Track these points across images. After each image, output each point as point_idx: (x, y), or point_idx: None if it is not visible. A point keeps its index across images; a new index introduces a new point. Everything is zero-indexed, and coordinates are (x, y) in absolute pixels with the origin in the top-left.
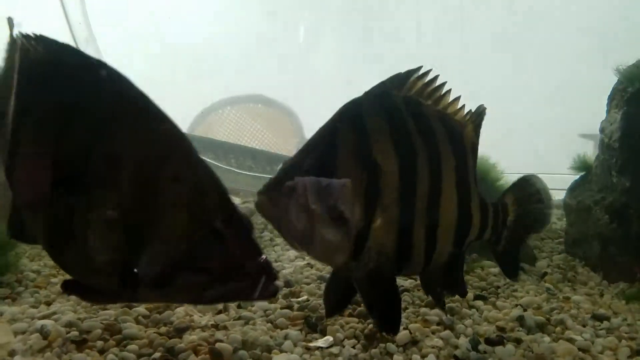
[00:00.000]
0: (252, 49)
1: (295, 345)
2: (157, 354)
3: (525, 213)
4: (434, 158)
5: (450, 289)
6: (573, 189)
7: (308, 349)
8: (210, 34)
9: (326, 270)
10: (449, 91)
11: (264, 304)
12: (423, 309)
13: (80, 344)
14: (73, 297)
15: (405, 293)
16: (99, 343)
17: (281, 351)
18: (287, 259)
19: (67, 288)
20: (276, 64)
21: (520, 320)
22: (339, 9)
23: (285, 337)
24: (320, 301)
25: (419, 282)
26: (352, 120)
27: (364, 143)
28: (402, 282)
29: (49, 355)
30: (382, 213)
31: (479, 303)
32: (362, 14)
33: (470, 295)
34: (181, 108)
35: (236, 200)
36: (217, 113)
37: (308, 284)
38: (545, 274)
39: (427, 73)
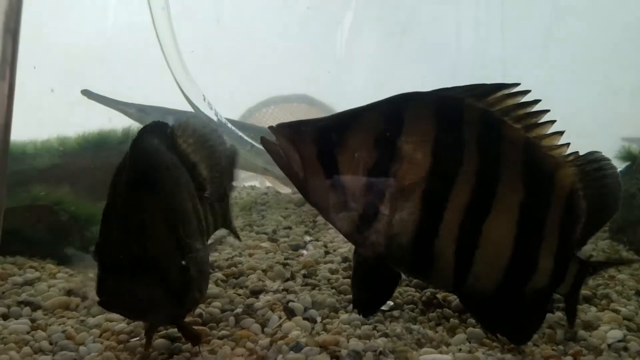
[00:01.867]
0: (294, 49)
1: None
2: (238, 310)
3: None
4: (488, 178)
5: (506, 331)
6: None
7: None
8: (253, 32)
9: None
10: (550, 122)
11: (326, 274)
12: None
13: None
14: None
15: None
16: None
17: (347, 312)
18: (342, 240)
19: None
20: (318, 64)
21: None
22: (379, 10)
23: (349, 302)
24: None
25: None
26: (394, 104)
27: (395, 127)
28: None
29: None
30: (394, 199)
31: None
32: (402, 15)
33: None
34: (227, 107)
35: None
36: (261, 112)
37: None
38: (591, 256)
39: (523, 93)
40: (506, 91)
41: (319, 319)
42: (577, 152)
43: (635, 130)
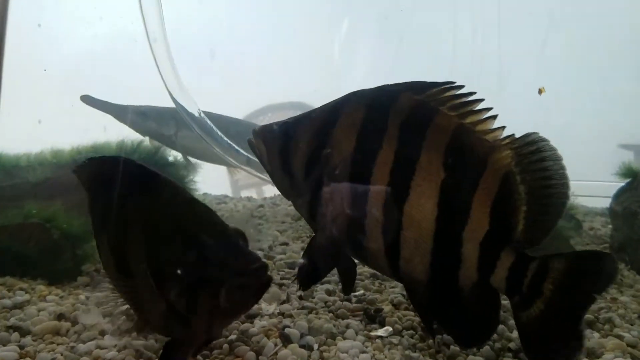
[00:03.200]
0: (290, 57)
1: (356, 333)
2: (232, 336)
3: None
4: (406, 161)
5: (452, 330)
6: (619, 195)
7: (369, 337)
8: (249, 40)
9: None
10: (486, 109)
11: (323, 296)
12: None
13: None
14: None
15: None
16: None
17: (344, 338)
18: None
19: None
20: (314, 72)
21: None
22: (376, 18)
23: (347, 327)
24: (377, 295)
25: None
26: (340, 99)
27: (333, 119)
28: None
29: (135, 335)
30: (328, 184)
31: None
32: (398, 22)
33: None
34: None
35: None
36: (258, 120)
37: (362, 280)
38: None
39: (460, 87)
40: (445, 86)
41: (315, 346)
42: (514, 134)
43: (631, 137)
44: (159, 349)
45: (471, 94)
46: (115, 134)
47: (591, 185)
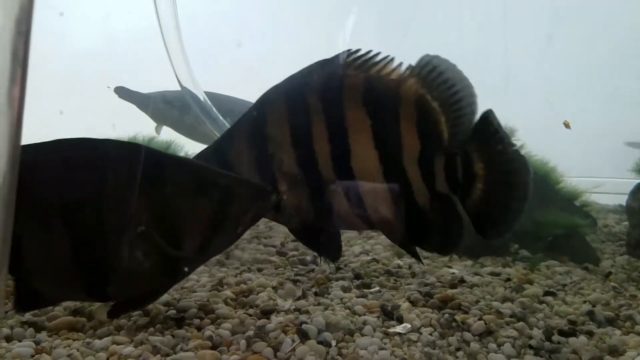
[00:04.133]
0: (294, 53)
1: (374, 330)
2: (250, 332)
3: (493, 156)
4: (336, 123)
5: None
6: (635, 191)
7: (387, 334)
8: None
9: (392, 265)
10: (385, 58)
11: (339, 292)
12: (495, 303)
13: (179, 322)
14: None
15: (475, 287)
16: (196, 321)
17: (362, 335)
18: (351, 254)
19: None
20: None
21: (590, 315)
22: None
23: (364, 323)
24: (393, 292)
25: (486, 278)
26: (259, 104)
27: (262, 123)
28: (471, 278)
29: (152, 330)
30: (282, 180)
31: (549, 299)
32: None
33: (539, 290)
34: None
35: None
36: None
37: (377, 277)
38: (610, 273)
39: (357, 50)
40: (344, 55)
41: (333, 343)
42: (410, 64)
43: (638, 135)
44: (175, 344)
45: (369, 52)
46: (123, 130)
47: (602, 182)
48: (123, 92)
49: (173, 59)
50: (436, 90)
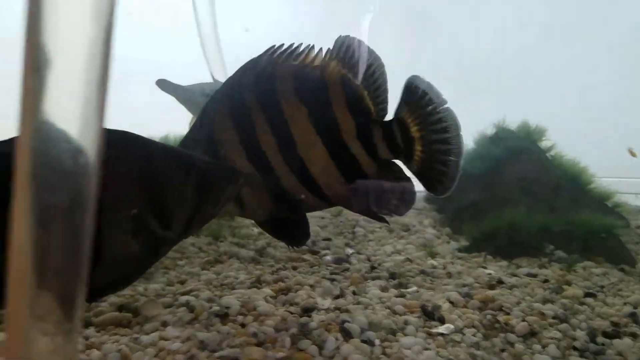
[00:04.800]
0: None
1: (417, 330)
2: (293, 330)
3: (425, 118)
4: (277, 120)
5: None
6: None
7: (430, 334)
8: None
9: (426, 265)
10: (307, 47)
11: (377, 292)
12: (536, 304)
13: (223, 318)
14: (204, 278)
15: (514, 289)
16: (239, 318)
17: (405, 334)
18: (384, 254)
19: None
20: None
21: (632, 317)
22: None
23: (406, 323)
24: (431, 292)
25: (524, 279)
26: (203, 114)
27: (209, 131)
28: (508, 279)
29: (197, 326)
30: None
31: (589, 300)
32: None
33: (579, 292)
34: None
35: None
36: None
37: (412, 277)
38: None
39: (281, 45)
40: (270, 52)
41: (377, 342)
42: (329, 48)
43: None
44: (221, 341)
45: (291, 44)
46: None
47: (635, 183)
48: (165, 85)
49: (206, 51)
50: (351, 66)
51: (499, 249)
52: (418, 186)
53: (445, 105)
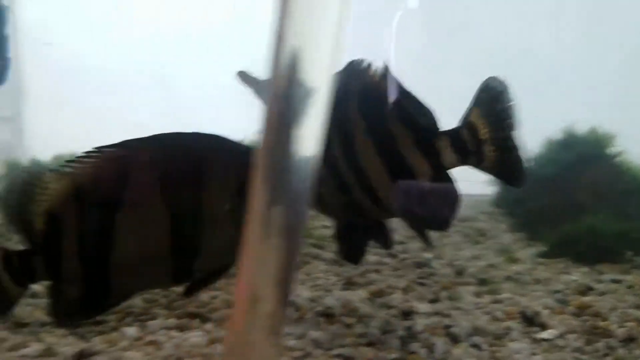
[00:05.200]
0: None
1: (521, 335)
2: (401, 332)
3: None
4: (344, 133)
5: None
6: None
7: (534, 340)
8: None
9: (509, 270)
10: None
11: (471, 297)
12: (630, 310)
13: (329, 317)
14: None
15: (604, 295)
16: (344, 318)
17: (511, 340)
18: (463, 259)
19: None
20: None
21: None
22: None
23: (508, 328)
24: (522, 299)
25: (611, 285)
26: None
27: None
28: (596, 285)
29: (306, 325)
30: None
31: None
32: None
33: None
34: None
35: None
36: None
37: (498, 282)
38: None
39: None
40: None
41: (485, 346)
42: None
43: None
44: (331, 339)
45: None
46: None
47: None
48: (246, 78)
49: None
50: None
51: (579, 255)
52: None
53: (512, 103)
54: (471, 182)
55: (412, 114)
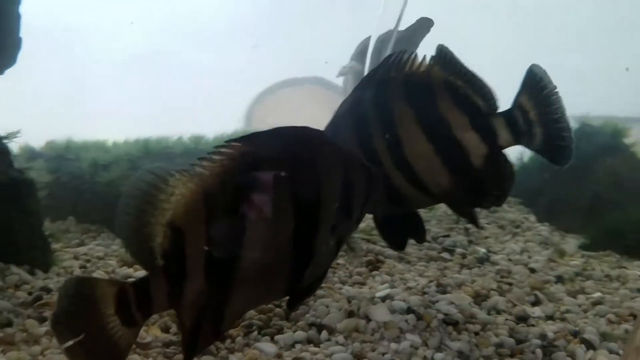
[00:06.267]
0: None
1: None
2: (535, 341)
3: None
4: (389, 122)
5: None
6: None
7: None
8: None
9: (569, 266)
10: (412, 56)
11: (569, 298)
12: None
13: (455, 326)
14: (378, 279)
15: None
16: (469, 326)
17: None
18: (514, 252)
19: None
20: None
21: None
22: None
23: (626, 332)
24: (615, 298)
25: None
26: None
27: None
28: None
29: (440, 335)
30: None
31: None
32: None
33: None
34: (240, 90)
35: None
36: (275, 94)
37: (574, 279)
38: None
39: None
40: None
41: (620, 352)
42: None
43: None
44: (469, 349)
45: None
46: None
47: None
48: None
49: None
50: (452, 66)
51: (627, 248)
52: None
53: (556, 89)
54: None
55: (468, 95)
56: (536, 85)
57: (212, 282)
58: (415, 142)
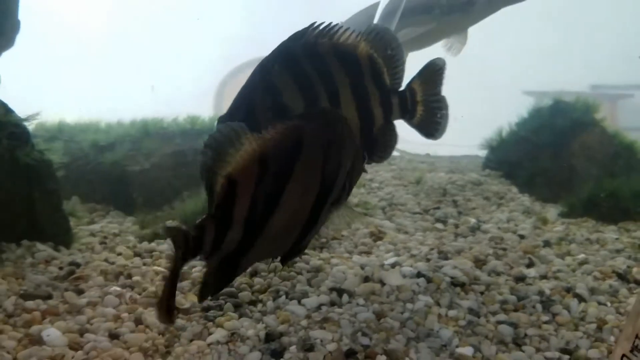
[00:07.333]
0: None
1: (630, 292)
2: (534, 297)
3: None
4: (331, 84)
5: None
6: None
7: None
8: None
9: (552, 232)
10: (340, 28)
11: (558, 260)
12: None
13: (462, 287)
14: (383, 248)
15: None
16: (474, 287)
17: (625, 297)
18: (500, 221)
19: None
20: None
21: None
22: None
23: (610, 287)
24: (597, 258)
25: None
26: (263, 74)
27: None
28: None
29: (449, 295)
30: None
31: None
32: None
33: None
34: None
35: None
36: (246, 73)
37: (561, 244)
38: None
39: (324, 23)
40: (313, 27)
41: (608, 303)
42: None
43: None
44: (479, 306)
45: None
46: None
47: None
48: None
49: None
50: (377, 42)
51: (602, 215)
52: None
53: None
54: (459, 146)
55: (382, 73)
56: (431, 73)
57: (246, 234)
58: (346, 104)
